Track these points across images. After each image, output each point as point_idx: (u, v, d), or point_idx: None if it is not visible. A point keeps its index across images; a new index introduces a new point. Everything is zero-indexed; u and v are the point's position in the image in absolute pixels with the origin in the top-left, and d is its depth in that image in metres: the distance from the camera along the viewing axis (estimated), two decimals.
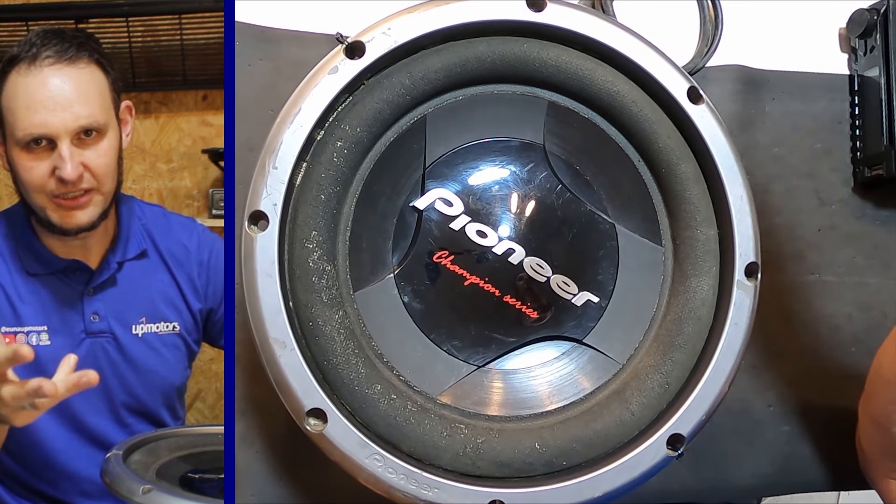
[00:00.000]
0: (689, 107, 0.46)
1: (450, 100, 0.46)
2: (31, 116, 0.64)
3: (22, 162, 0.65)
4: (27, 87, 0.64)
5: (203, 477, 0.54)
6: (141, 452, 0.55)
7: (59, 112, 0.64)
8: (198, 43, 1.36)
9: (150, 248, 0.74)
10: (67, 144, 0.64)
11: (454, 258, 0.45)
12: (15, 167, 0.66)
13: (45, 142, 0.64)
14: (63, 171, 0.64)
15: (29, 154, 0.65)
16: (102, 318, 0.70)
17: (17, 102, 0.64)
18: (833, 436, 0.60)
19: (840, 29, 0.65)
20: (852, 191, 0.63)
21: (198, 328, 0.76)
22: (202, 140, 1.43)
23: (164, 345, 0.73)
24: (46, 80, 0.64)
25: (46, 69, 0.64)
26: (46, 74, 0.64)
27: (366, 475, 0.42)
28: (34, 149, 0.65)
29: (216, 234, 0.79)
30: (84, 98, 0.65)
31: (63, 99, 0.64)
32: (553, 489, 0.42)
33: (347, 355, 0.42)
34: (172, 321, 0.74)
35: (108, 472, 0.51)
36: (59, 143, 0.64)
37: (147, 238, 0.74)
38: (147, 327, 0.72)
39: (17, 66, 0.64)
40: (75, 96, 0.65)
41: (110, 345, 0.71)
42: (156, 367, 0.72)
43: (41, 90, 0.64)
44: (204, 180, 1.46)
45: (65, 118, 0.64)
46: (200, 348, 0.78)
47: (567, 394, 0.46)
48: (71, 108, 0.64)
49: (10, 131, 0.65)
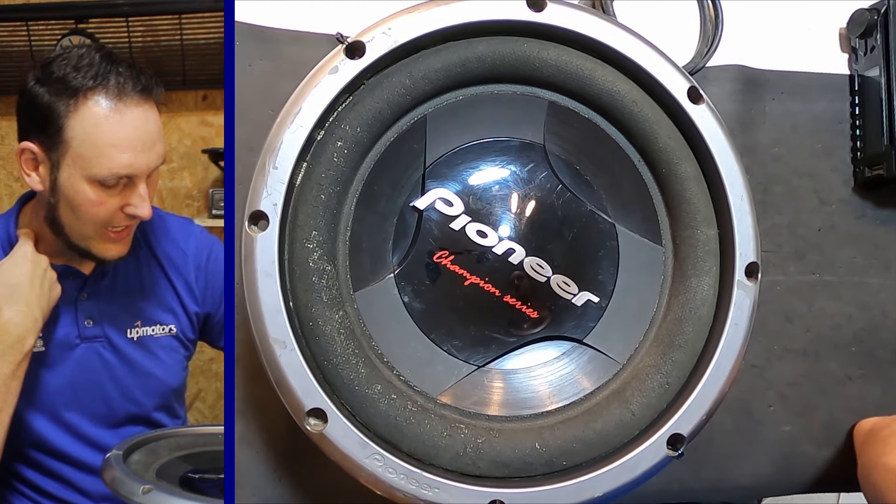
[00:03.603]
0: (689, 107, 0.46)
1: (450, 100, 0.46)
2: (118, 156, 0.61)
3: (90, 196, 0.62)
4: (115, 124, 0.61)
5: (203, 477, 0.54)
6: (141, 452, 0.55)
7: (145, 153, 0.62)
8: (198, 43, 1.36)
9: (144, 250, 0.73)
10: (145, 184, 0.64)
11: (454, 258, 0.45)
12: (76, 199, 0.63)
13: (125, 179, 0.63)
14: (141, 210, 0.64)
15: (103, 190, 0.63)
16: (97, 323, 0.70)
17: (101, 138, 0.61)
18: (833, 436, 0.60)
19: (840, 29, 0.65)
20: (852, 191, 0.63)
21: (194, 330, 0.75)
22: (202, 140, 1.43)
23: (161, 347, 0.73)
24: (135, 119, 0.62)
25: (134, 107, 0.62)
26: (135, 112, 0.62)
27: (366, 475, 0.42)
28: (111, 186, 0.62)
29: (215, 235, 0.78)
30: (160, 138, 0.64)
31: (149, 139, 0.63)
32: (553, 489, 0.42)
33: (347, 355, 0.42)
34: (168, 324, 0.73)
35: (108, 472, 0.51)
36: (137, 182, 0.63)
37: (141, 240, 0.73)
38: (143, 331, 0.72)
39: (94, 95, 0.61)
40: (156, 136, 0.64)
41: (106, 349, 0.70)
42: (153, 370, 0.72)
43: (130, 129, 0.62)
44: (204, 180, 1.46)
45: (150, 159, 0.63)
46: (197, 348, 0.78)
47: (567, 394, 0.46)
48: (154, 149, 0.63)
49: (83, 164, 0.62)
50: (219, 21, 1.34)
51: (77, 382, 0.69)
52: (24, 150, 0.64)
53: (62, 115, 0.61)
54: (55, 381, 0.68)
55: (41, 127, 0.62)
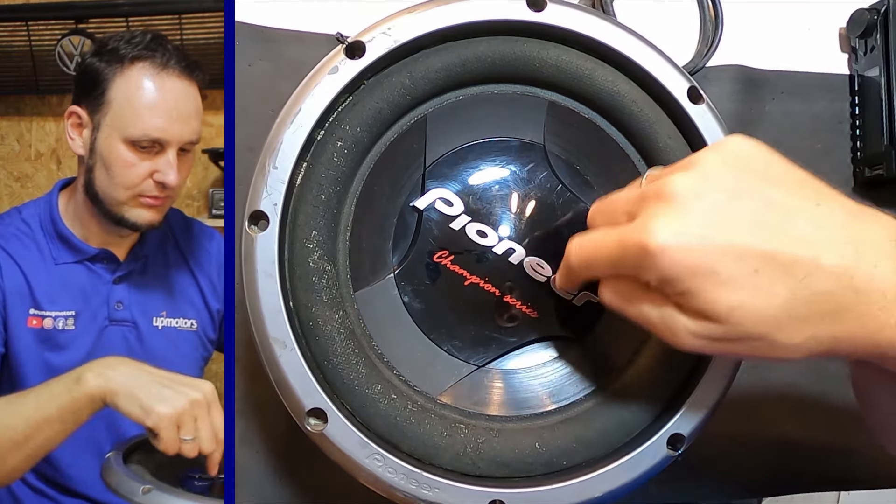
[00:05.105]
0: (689, 107, 0.46)
1: (450, 100, 0.46)
2: (153, 119, 0.65)
3: (123, 156, 0.66)
4: (155, 90, 0.66)
5: (203, 477, 0.54)
6: (141, 452, 0.55)
7: (179, 123, 0.66)
8: (198, 43, 1.36)
9: (172, 244, 0.76)
10: (174, 153, 0.67)
11: (454, 258, 0.45)
12: (110, 159, 0.67)
13: (157, 145, 0.66)
14: (167, 177, 0.67)
15: (135, 151, 0.66)
16: (126, 307, 0.72)
17: (139, 101, 0.65)
18: (833, 436, 0.60)
19: (840, 29, 0.65)
20: (852, 191, 0.63)
21: (214, 328, 0.77)
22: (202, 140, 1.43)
23: (182, 340, 0.75)
24: (175, 90, 0.66)
25: (175, 79, 0.66)
26: (175, 84, 0.66)
27: (366, 475, 0.42)
28: (144, 149, 0.66)
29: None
30: (197, 115, 0.68)
31: (186, 111, 0.67)
32: (553, 489, 0.42)
33: (347, 355, 0.42)
34: (191, 318, 0.75)
35: (108, 472, 0.51)
36: (167, 149, 0.67)
37: (171, 236, 0.77)
38: (167, 321, 0.74)
39: (142, 63, 0.66)
40: (193, 112, 0.68)
41: (131, 333, 0.72)
42: (172, 360, 0.73)
43: (169, 97, 0.66)
44: (204, 180, 1.47)
45: (183, 130, 0.67)
46: (213, 353, 0.79)
47: (567, 394, 0.46)
48: (189, 122, 0.67)
49: (120, 124, 0.66)
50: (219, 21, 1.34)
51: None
52: (71, 113, 0.69)
53: (108, 78, 0.66)
54: (76, 358, 0.69)
55: (89, 91, 0.67)
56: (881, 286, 0.34)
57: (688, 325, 0.36)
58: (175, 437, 0.52)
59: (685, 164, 0.37)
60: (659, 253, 0.34)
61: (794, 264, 0.34)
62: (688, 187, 0.35)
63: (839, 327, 0.35)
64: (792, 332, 0.35)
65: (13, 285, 0.68)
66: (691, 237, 0.34)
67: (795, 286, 0.34)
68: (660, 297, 0.37)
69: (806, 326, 0.35)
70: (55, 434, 0.55)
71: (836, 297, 0.34)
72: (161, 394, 0.53)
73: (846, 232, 0.35)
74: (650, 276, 0.35)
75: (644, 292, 0.37)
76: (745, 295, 0.34)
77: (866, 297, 0.34)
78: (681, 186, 0.35)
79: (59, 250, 0.71)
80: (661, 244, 0.34)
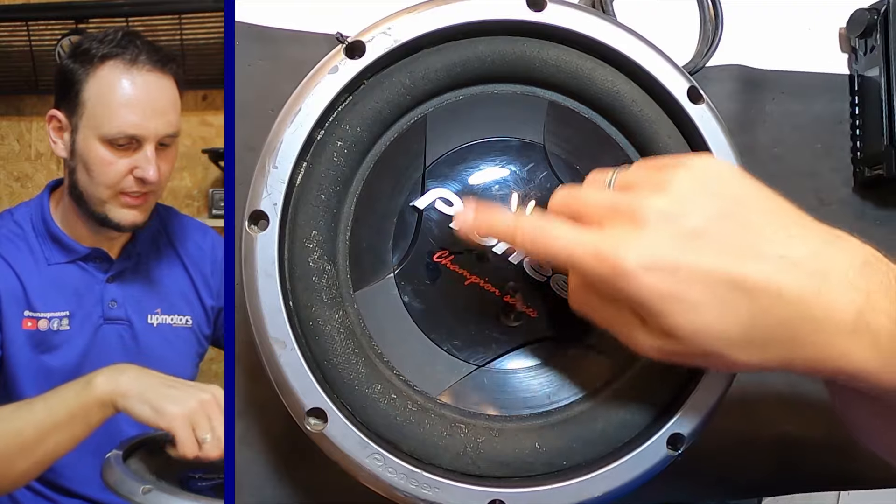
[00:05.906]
0: (689, 106, 0.46)
1: (450, 99, 0.46)
2: (127, 115, 0.65)
3: (101, 155, 0.66)
4: (127, 86, 0.65)
5: (203, 477, 0.54)
6: (141, 452, 0.55)
7: (155, 118, 0.66)
8: (198, 43, 1.36)
9: (165, 242, 0.76)
10: (152, 148, 0.67)
11: (454, 258, 0.45)
12: (89, 159, 0.67)
13: (134, 142, 0.66)
14: (146, 173, 0.66)
15: (113, 149, 0.66)
16: (120, 305, 0.72)
17: (113, 98, 0.65)
18: (833, 436, 0.60)
19: (840, 29, 0.65)
20: (852, 191, 0.63)
21: (209, 324, 0.77)
22: (202, 140, 1.43)
23: (177, 337, 0.75)
24: (147, 84, 0.66)
25: (147, 73, 0.66)
26: (147, 79, 0.66)
27: (366, 475, 0.42)
28: (121, 146, 0.66)
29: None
30: (173, 108, 0.68)
31: (160, 106, 0.67)
32: (553, 489, 0.42)
33: (347, 355, 0.42)
34: (186, 315, 0.75)
35: (107, 472, 0.51)
36: (145, 145, 0.66)
37: (163, 233, 0.76)
38: (162, 318, 0.74)
39: (111, 61, 0.65)
40: (169, 105, 0.68)
41: (126, 332, 0.72)
42: (167, 357, 0.73)
43: (141, 92, 0.66)
44: (204, 180, 1.47)
45: (158, 125, 0.66)
46: (208, 349, 0.79)
47: (567, 394, 0.46)
48: (165, 116, 0.67)
49: (95, 123, 0.66)
50: (219, 21, 1.34)
51: (91, 361, 0.70)
52: (51, 117, 0.69)
53: (81, 79, 0.66)
54: (71, 358, 0.69)
55: (65, 93, 0.67)
56: (841, 316, 0.35)
57: (649, 340, 0.38)
58: (192, 437, 0.52)
59: (658, 184, 0.37)
60: (630, 275, 0.35)
61: (758, 292, 0.35)
62: (661, 210, 0.36)
63: (796, 352, 0.36)
64: (749, 353, 0.36)
65: (7, 288, 0.68)
66: (663, 262, 0.35)
67: (757, 313, 0.35)
68: (627, 309, 0.38)
69: (763, 349, 0.36)
70: (65, 440, 0.55)
71: (794, 325, 0.35)
72: (171, 394, 0.53)
73: (814, 262, 0.35)
74: (618, 294, 0.36)
75: (611, 301, 0.39)
76: (709, 319, 0.35)
77: (824, 326, 0.35)
78: (653, 210, 0.36)
79: (52, 251, 0.71)
80: (632, 268, 0.35)
